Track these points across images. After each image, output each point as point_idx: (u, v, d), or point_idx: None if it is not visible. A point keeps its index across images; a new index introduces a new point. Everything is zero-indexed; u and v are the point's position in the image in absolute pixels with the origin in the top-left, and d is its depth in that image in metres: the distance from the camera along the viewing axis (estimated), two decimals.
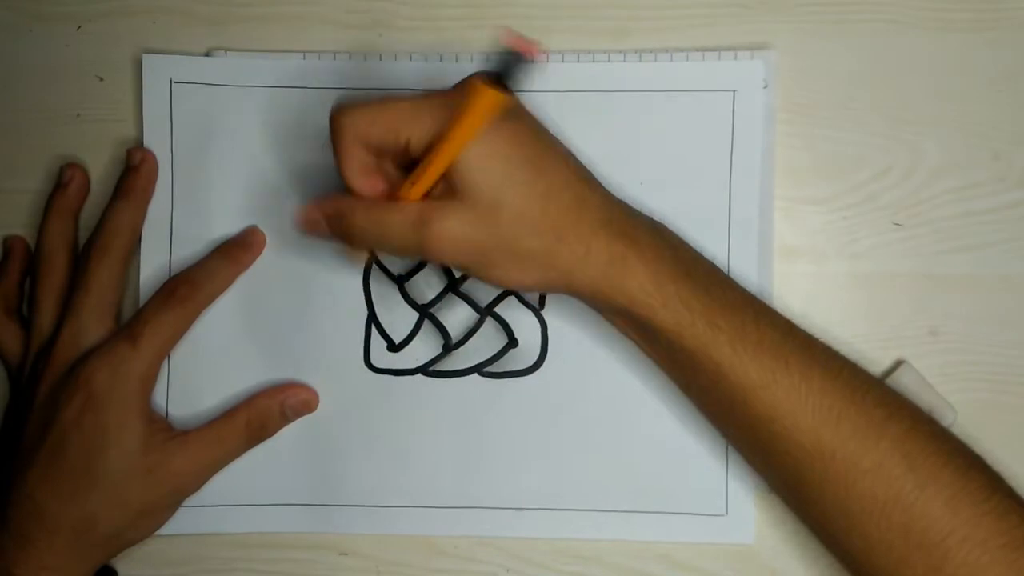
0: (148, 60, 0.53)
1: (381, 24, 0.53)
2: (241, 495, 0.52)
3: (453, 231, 0.42)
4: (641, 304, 0.44)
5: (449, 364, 0.52)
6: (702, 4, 0.52)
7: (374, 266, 0.52)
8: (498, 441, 0.52)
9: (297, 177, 0.52)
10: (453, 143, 0.41)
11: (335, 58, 0.52)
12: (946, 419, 0.50)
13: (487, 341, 0.52)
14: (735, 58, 0.51)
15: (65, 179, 0.52)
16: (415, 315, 0.52)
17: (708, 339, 0.44)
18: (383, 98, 0.43)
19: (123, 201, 0.51)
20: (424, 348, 0.52)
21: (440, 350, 0.52)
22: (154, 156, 0.52)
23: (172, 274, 0.52)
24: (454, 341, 0.52)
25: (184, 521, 0.52)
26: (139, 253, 0.52)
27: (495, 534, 0.52)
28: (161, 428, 0.50)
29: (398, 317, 0.52)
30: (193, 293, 0.50)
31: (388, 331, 0.52)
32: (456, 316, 0.52)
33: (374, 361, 0.52)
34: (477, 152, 0.42)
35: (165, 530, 0.51)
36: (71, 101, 0.53)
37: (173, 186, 0.52)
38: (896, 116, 0.52)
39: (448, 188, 0.42)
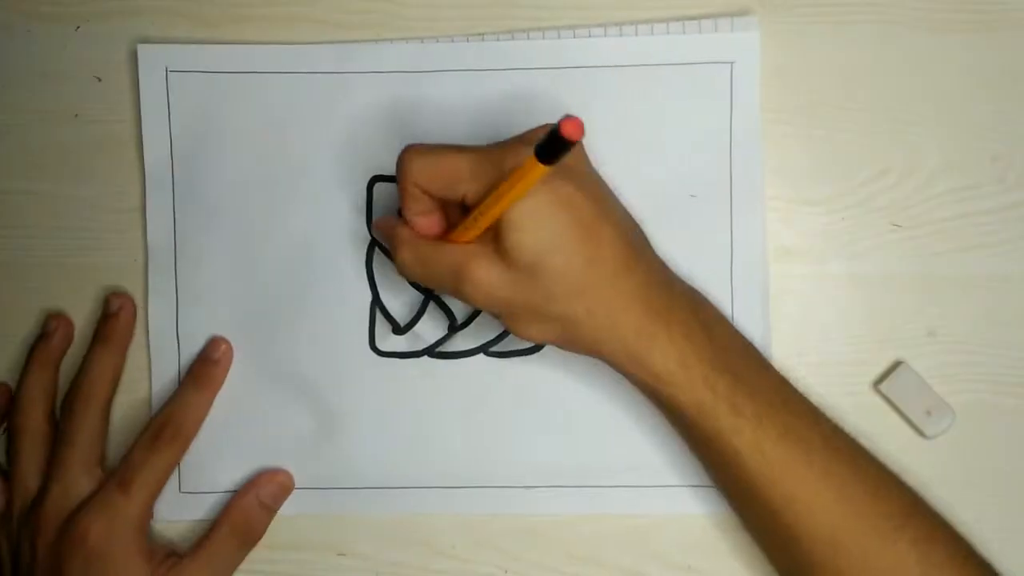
0: (143, 50, 0.53)
1: (379, 24, 0.52)
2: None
3: (488, 283, 0.42)
4: (664, 382, 0.44)
5: (454, 345, 0.52)
6: (698, 4, 0.52)
7: (377, 249, 0.52)
8: (505, 420, 0.52)
9: (297, 161, 0.52)
10: (499, 207, 0.41)
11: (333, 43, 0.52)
12: (945, 420, 0.50)
13: (492, 321, 0.52)
14: (731, 29, 0.51)
15: (49, 329, 0.53)
16: (419, 297, 0.52)
17: (729, 424, 0.44)
18: (446, 149, 0.44)
19: (102, 348, 0.52)
20: (429, 330, 0.53)
21: (445, 331, 0.52)
22: (132, 302, 0.53)
23: (177, 275, 0.52)
24: (459, 322, 0.52)
25: (194, 508, 0.52)
26: (146, 261, 0.53)
27: (503, 511, 0.52)
28: (162, 562, 0.50)
29: (402, 300, 0.53)
30: (177, 433, 0.51)
31: (393, 314, 0.52)
32: None
33: (379, 344, 0.53)
34: (528, 213, 0.41)
35: (173, 516, 0.52)
36: (69, 102, 0.53)
37: (174, 176, 0.53)
38: (895, 117, 0.52)
39: (496, 238, 0.42)
